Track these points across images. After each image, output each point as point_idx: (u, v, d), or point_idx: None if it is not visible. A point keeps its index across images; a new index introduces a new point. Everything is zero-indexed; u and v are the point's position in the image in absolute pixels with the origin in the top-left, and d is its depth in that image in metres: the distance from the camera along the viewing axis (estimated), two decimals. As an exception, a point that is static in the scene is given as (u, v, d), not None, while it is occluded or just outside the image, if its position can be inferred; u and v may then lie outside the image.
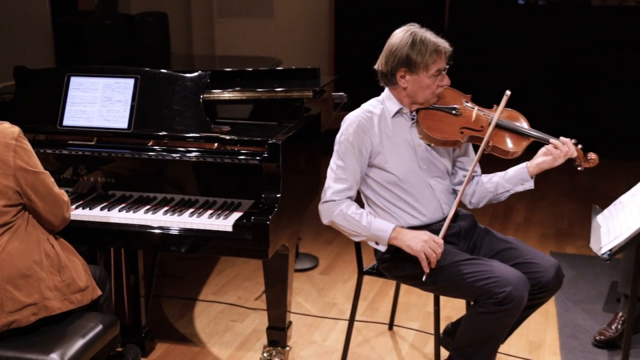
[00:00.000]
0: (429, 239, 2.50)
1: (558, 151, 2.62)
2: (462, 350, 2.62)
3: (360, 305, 3.50)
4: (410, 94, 2.60)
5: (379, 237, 2.55)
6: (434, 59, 2.53)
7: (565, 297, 3.63)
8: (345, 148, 2.58)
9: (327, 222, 2.63)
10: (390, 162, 2.61)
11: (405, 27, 2.61)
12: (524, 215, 4.92)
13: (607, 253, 2.33)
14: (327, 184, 2.61)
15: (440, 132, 2.60)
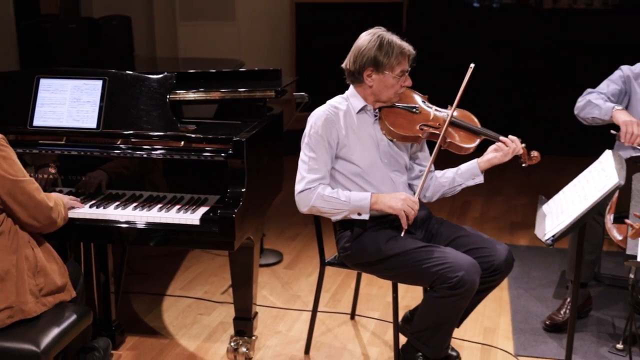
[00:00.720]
0: (406, 198, 2.68)
1: (507, 148, 2.82)
2: (420, 335, 2.79)
3: (324, 297, 3.64)
4: (375, 92, 2.77)
5: (361, 206, 2.70)
6: (399, 61, 2.72)
7: (518, 285, 3.83)
8: (315, 140, 2.73)
9: (306, 210, 2.76)
10: (355, 154, 2.77)
11: (372, 30, 2.79)
12: (480, 210, 5.12)
13: (551, 239, 2.50)
14: (300, 176, 2.76)
15: (402, 128, 2.79)
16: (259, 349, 3.16)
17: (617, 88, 3.41)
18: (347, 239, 2.83)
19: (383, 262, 2.73)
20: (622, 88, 3.41)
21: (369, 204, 2.69)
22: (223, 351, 3.11)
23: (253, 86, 3.14)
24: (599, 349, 3.16)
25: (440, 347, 2.80)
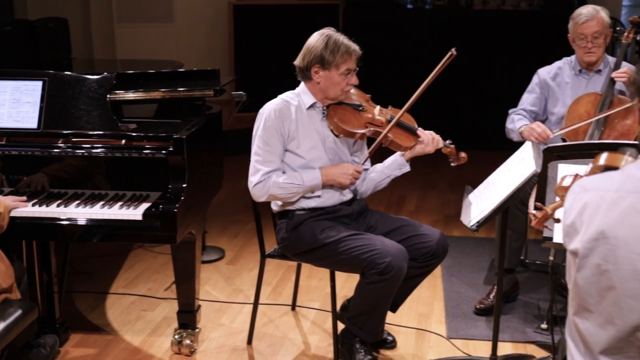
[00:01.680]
0: (353, 172, 2.90)
1: (421, 138, 3.01)
2: (356, 320, 2.94)
3: (265, 290, 3.75)
4: (322, 89, 2.92)
5: (314, 185, 2.89)
6: (345, 59, 2.87)
7: (451, 273, 4.02)
8: (269, 132, 2.86)
9: (263, 199, 2.90)
10: (302, 147, 2.91)
11: (322, 30, 2.95)
12: (415, 203, 5.31)
13: (475, 225, 2.68)
14: (254, 169, 2.87)
15: (349, 125, 2.95)
16: (203, 341, 3.25)
17: (534, 97, 3.65)
18: (286, 230, 2.96)
19: (318, 251, 2.88)
20: (539, 94, 3.64)
21: (321, 182, 2.87)
22: (167, 344, 3.19)
23: (192, 86, 3.23)
24: (525, 329, 3.37)
25: (376, 331, 2.96)
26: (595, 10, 3.46)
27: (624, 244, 1.62)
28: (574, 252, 1.71)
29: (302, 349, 3.22)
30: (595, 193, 1.68)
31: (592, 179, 1.74)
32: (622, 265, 1.63)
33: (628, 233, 1.62)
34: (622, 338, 1.66)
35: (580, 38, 3.48)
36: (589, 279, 1.69)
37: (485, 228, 4.49)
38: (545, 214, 2.24)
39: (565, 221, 1.75)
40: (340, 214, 2.99)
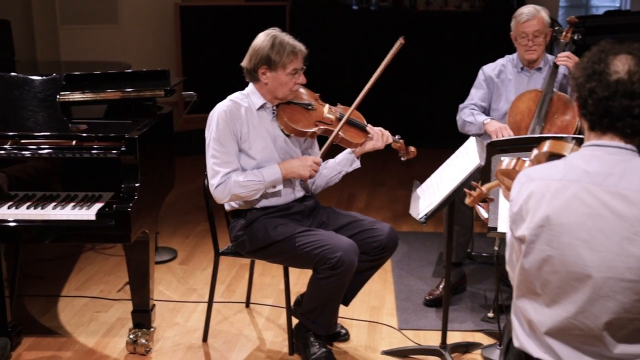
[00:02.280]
0: (312, 164, 2.94)
1: (371, 135, 3.08)
2: (309, 315, 3.01)
3: (219, 289, 3.78)
4: (270, 90, 2.95)
5: (275, 180, 2.92)
6: (291, 59, 2.91)
7: (401, 267, 4.12)
8: (223, 134, 2.88)
9: (227, 200, 2.91)
10: (253, 148, 2.94)
11: (268, 31, 2.98)
12: (365, 200, 5.40)
13: (424, 217, 2.77)
14: (213, 171, 2.88)
15: (299, 124, 3.00)
16: (158, 340, 3.26)
17: (483, 92, 3.77)
18: (240, 228, 3.00)
19: (272, 247, 2.93)
20: (486, 90, 3.77)
21: (281, 177, 2.91)
22: (122, 345, 3.19)
23: (142, 86, 3.24)
24: (473, 318, 3.48)
25: (329, 324, 3.03)
26: (536, 10, 3.61)
27: (568, 231, 1.73)
28: (521, 239, 1.81)
29: (257, 344, 3.26)
30: (541, 182, 1.78)
31: (537, 168, 1.84)
32: (566, 250, 1.73)
33: (571, 220, 1.73)
34: (565, 320, 1.77)
35: (522, 36, 3.62)
36: (535, 263, 1.79)
37: (433, 223, 4.66)
38: (480, 192, 2.35)
39: (512, 209, 1.85)
40: (293, 211, 3.05)
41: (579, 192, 1.74)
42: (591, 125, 1.80)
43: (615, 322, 1.72)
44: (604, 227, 1.70)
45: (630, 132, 1.75)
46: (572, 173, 1.76)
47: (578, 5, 7.71)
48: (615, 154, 1.75)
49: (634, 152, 1.76)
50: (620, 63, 1.74)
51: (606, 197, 1.71)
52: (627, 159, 1.74)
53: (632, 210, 1.68)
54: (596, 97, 1.74)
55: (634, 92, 1.71)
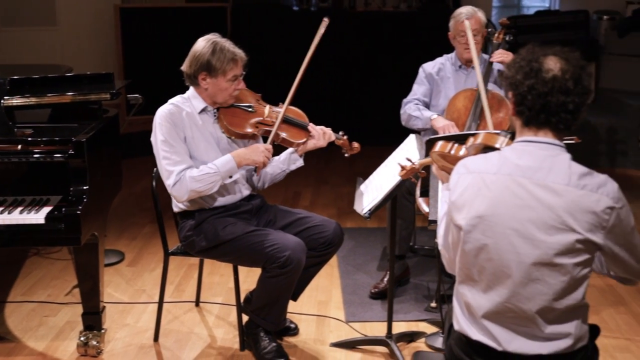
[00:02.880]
0: (264, 150, 2.99)
1: (314, 133, 3.16)
2: (259, 311, 3.09)
3: (168, 289, 3.80)
4: (210, 95, 3.01)
5: (230, 169, 2.95)
6: (231, 66, 2.96)
7: (347, 262, 4.23)
8: (169, 134, 2.92)
9: (186, 198, 2.93)
10: (198, 151, 2.99)
11: (208, 36, 3.02)
12: (310, 198, 5.50)
13: (368, 212, 2.88)
14: (167, 172, 2.90)
15: (239, 127, 3.05)
16: (109, 341, 3.29)
17: (425, 88, 3.91)
18: (189, 228, 3.06)
19: (221, 247, 2.99)
20: (428, 86, 3.91)
21: (236, 165, 2.95)
22: (73, 348, 3.20)
23: (87, 90, 3.25)
24: (416, 309, 3.62)
25: (278, 320, 3.11)
26: (473, 10, 3.77)
27: (501, 221, 1.87)
28: (459, 227, 1.94)
29: (208, 342, 3.32)
30: (477, 175, 1.92)
31: (474, 160, 1.97)
32: (499, 239, 1.87)
33: (504, 211, 1.87)
34: (500, 303, 1.90)
35: (460, 35, 3.78)
36: (472, 252, 1.92)
37: (376, 219, 4.79)
38: (413, 167, 2.49)
39: (450, 197, 1.98)
40: (241, 210, 3.12)
41: (511, 184, 1.87)
42: (527, 121, 1.93)
43: (546, 304, 1.86)
44: (534, 217, 1.84)
45: (562, 127, 1.90)
46: (506, 167, 1.90)
47: (510, 6, 7.97)
48: (545, 149, 1.89)
49: (562, 147, 1.91)
50: (552, 62, 1.89)
51: (535, 189, 1.84)
52: (555, 154, 1.88)
53: (559, 201, 1.82)
54: (535, 93, 1.87)
55: (568, 89, 1.86)
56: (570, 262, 1.83)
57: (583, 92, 1.87)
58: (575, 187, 1.82)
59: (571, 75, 1.86)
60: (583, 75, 1.87)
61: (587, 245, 1.84)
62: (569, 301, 1.87)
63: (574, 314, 1.90)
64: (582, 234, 1.82)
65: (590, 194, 1.82)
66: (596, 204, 1.81)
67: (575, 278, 1.85)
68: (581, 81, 1.86)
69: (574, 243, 1.82)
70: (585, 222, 1.82)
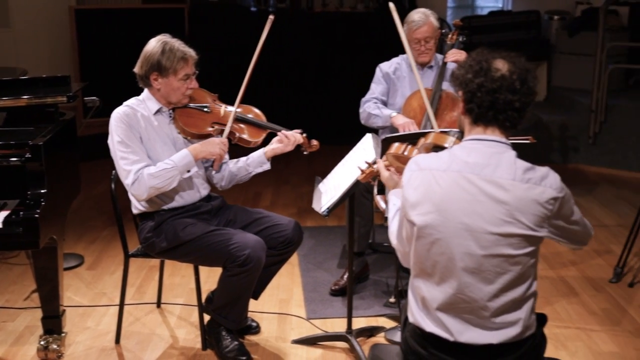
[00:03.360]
0: (220, 142, 3.02)
1: (287, 140, 3.20)
2: (220, 311, 3.12)
3: (129, 291, 3.81)
4: (163, 95, 3.03)
5: (187, 163, 2.96)
6: (182, 65, 2.98)
7: (307, 260, 4.28)
8: (126, 136, 2.93)
9: (145, 196, 2.93)
10: (154, 152, 3.00)
11: (158, 37, 3.04)
12: (270, 198, 5.54)
13: (326, 210, 2.93)
14: (124, 172, 2.91)
15: (195, 127, 3.07)
16: (70, 345, 3.28)
17: (383, 87, 3.98)
18: (149, 229, 3.07)
19: (181, 248, 3.01)
20: (385, 85, 3.99)
21: (193, 158, 2.96)
22: (32, 352, 3.19)
23: (43, 92, 3.23)
24: (376, 304, 3.69)
25: (239, 319, 3.14)
26: (425, 15, 3.83)
27: (452, 216, 1.94)
28: (412, 223, 2.01)
29: (170, 342, 3.33)
30: (428, 172, 1.99)
31: (426, 158, 2.04)
32: (451, 233, 1.95)
33: (455, 206, 1.94)
34: (453, 295, 1.98)
35: (414, 42, 3.85)
36: (425, 246, 1.99)
37: (336, 217, 4.86)
38: (372, 170, 2.56)
39: (403, 194, 2.05)
40: (200, 211, 3.14)
41: (460, 180, 1.95)
42: (475, 119, 2.01)
43: (496, 295, 1.95)
44: (483, 211, 1.92)
45: (509, 124, 1.99)
46: (455, 164, 1.98)
47: (465, 6, 8.12)
48: (492, 147, 1.98)
49: (508, 145, 2.00)
50: (500, 63, 1.99)
51: (484, 185, 1.92)
52: (502, 152, 1.97)
53: (506, 195, 1.91)
54: (485, 90, 1.96)
55: (515, 88, 1.96)
56: (519, 253, 1.92)
57: (529, 92, 1.96)
58: (521, 182, 1.91)
59: (518, 75, 1.95)
60: (529, 77, 1.97)
61: (534, 237, 1.93)
62: (519, 290, 1.96)
63: (523, 303, 1.98)
64: (529, 227, 1.91)
65: (535, 187, 1.91)
66: (540, 196, 1.91)
67: (524, 268, 1.95)
68: (527, 82, 1.96)
69: (522, 235, 1.91)
70: (532, 214, 1.91)
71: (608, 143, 6.26)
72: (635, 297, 3.81)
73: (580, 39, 6.78)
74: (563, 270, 4.17)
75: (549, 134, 6.44)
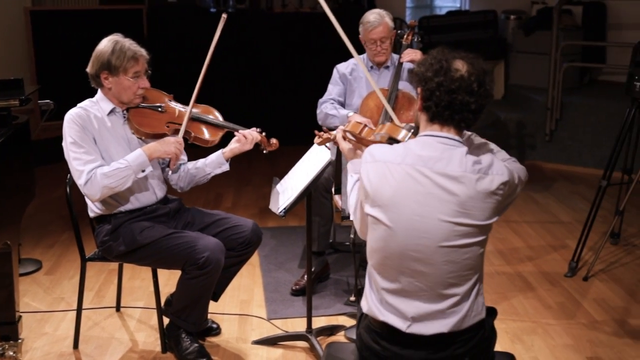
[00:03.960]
0: (175, 141, 3.00)
1: (245, 138, 3.20)
2: (179, 313, 3.11)
3: (88, 295, 3.78)
4: (115, 94, 3.01)
5: (141, 163, 2.92)
6: (132, 64, 2.97)
7: (269, 261, 4.29)
8: (79, 137, 2.90)
9: (98, 196, 2.89)
10: (109, 153, 2.97)
11: (110, 37, 3.03)
12: (232, 200, 5.53)
13: (283, 211, 2.95)
14: (77, 172, 2.87)
15: (149, 127, 3.05)
16: (27, 351, 3.24)
17: (340, 88, 4.02)
18: (106, 233, 3.05)
19: (139, 251, 3.00)
20: (342, 86, 4.02)
21: (147, 158, 2.93)
22: (-12, 359, 3.15)
23: (-5, 96, 3.20)
24: (336, 303, 3.71)
25: (199, 321, 3.14)
26: (380, 16, 3.87)
27: (406, 208, 1.98)
28: (367, 214, 2.05)
29: (129, 346, 3.31)
30: (383, 164, 2.03)
31: (381, 150, 2.08)
32: (406, 225, 1.99)
33: (408, 199, 1.98)
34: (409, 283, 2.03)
35: (371, 42, 3.89)
36: (380, 238, 2.04)
37: (297, 217, 4.88)
38: (329, 136, 2.59)
39: (360, 183, 2.08)
40: (158, 214, 3.13)
41: (414, 173, 1.99)
42: (432, 117, 2.05)
43: (448, 277, 2.00)
44: (436, 203, 1.96)
45: (464, 125, 2.05)
46: (409, 157, 2.02)
47: (423, 6, 8.20)
48: (445, 142, 2.03)
49: (461, 143, 2.05)
50: (460, 64, 2.03)
51: (437, 177, 1.97)
52: (454, 147, 2.02)
53: (459, 187, 1.96)
54: (444, 90, 2.01)
55: (472, 90, 2.00)
56: (470, 242, 1.98)
57: (485, 94, 2.02)
58: (472, 173, 1.96)
59: (476, 77, 2.00)
60: (486, 79, 2.02)
61: (486, 226, 2.00)
62: (468, 279, 2.02)
63: (472, 290, 2.04)
64: (481, 217, 1.97)
65: (485, 177, 1.97)
66: (491, 184, 1.97)
67: (474, 257, 2.01)
68: (484, 84, 2.01)
69: (474, 225, 1.97)
70: (484, 204, 1.97)
71: (564, 140, 6.39)
72: (589, 290, 3.90)
73: (535, 38, 6.91)
74: (520, 265, 4.25)
75: (506, 131, 6.54)
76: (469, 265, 2.00)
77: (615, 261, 4.29)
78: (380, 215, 2.01)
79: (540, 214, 5.20)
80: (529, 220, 5.06)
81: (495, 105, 6.96)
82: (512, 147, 6.59)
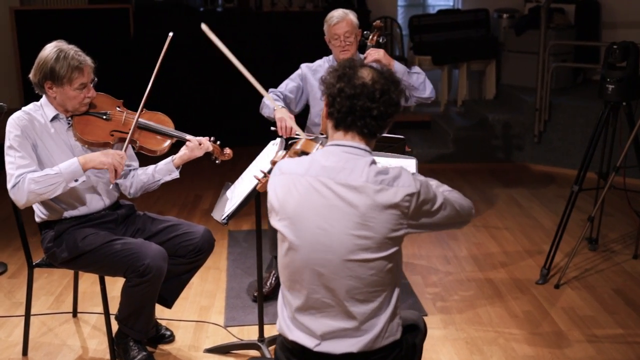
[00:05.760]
0: (114, 153, 2.85)
1: (192, 145, 3.12)
2: (125, 321, 3.06)
3: (48, 300, 3.75)
4: (60, 103, 2.93)
5: (73, 171, 2.79)
6: (77, 75, 2.88)
7: (236, 266, 4.22)
8: (18, 141, 2.82)
9: (24, 202, 2.79)
10: (50, 159, 2.90)
11: (54, 43, 2.93)
12: (210, 201, 5.46)
13: (225, 219, 2.88)
14: (9, 175, 2.80)
15: (92, 135, 2.97)
16: (-25, 358, 3.21)
17: (294, 85, 3.96)
18: (50, 239, 3.00)
19: (81, 258, 2.94)
20: (299, 84, 3.96)
21: (80, 166, 2.80)
22: None
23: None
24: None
25: (146, 329, 3.08)
26: (344, 13, 3.83)
27: (310, 222, 1.91)
28: (276, 228, 1.98)
29: (80, 353, 3.27)
30: (288, 177, 1.96)
31: (288, 163, 2.02)
32: (310, 239, 1.92)
33: (312, 211, 1.91)
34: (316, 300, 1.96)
35: (334, 38, 3.83)
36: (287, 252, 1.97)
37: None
38: (267, 179, 2.53)
39: (268, 200, 2.02)
40: (105, 220, 3.07)
41: (316, 185, 1.93)
42: (336, 123, 1.99)
43: (354, 294, 1.92)
44: (339, 216, 1.89)
45: (367, 131, 1.97)
46: (313, 169, 1.95)
47: (415, 5, 8.07)
48: (350, 152, 1.96)
49: (366, 151, 1.97)
50: (365, 72, 1.98)
51: (339, 189, 1.90)
52: (358, 157, 1.95)
53: (361, 198, 1.89)
54: (344, 95, 1.95)
55: (374, 97, 1.94)
56: (375, 257, 1.90)
57: (389, 103, 1.95)
58: (374, 184, 1.89)
59: (381, 86, 1.94)
60: (392, 89, 1.96)
61: (392, 239, 1.92)
62: (377, 296, 1.93)
63: (382, 308, 1.95)
64: (384, 229, 1.89)
65: (388, 188, 1.89)
66: (394, 196, 1.89)
67: (382, 273, 1.92)
68: (389, 93, 1.95)
69: (380, 238, 1.89)
70: (387, 216, 1.89)
71: (553, 141, 6.26)
72: (559, 298, 3.79)
73: (526, 37, 6.77)
74: (492, 272, 4.15)
75: (494, 132, 6.43)
76: (376, 282, 1.92)
77: (591, 268, 4.17)
78: (286, 230, 1.95)
79: (521, 217, 5.09)
80: (508, 224, 4.95)
81: (485, 106, 6.85)
82: (499, 147, 6.47)
